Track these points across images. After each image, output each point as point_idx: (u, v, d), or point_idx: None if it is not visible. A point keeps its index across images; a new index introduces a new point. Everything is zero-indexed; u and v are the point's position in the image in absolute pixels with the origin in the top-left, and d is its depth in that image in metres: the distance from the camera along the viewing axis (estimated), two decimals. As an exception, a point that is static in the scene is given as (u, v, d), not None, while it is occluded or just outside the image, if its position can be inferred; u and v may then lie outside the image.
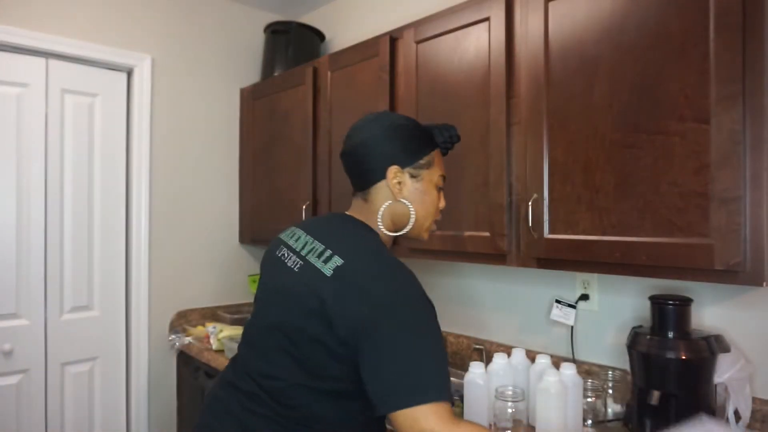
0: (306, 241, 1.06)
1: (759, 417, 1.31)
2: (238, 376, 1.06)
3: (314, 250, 1.02)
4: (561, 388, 1.26)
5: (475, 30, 1.56)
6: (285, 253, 1.08)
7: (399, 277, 0.96)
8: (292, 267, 1.03)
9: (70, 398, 2.22)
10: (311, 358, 0.95)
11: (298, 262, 1.03)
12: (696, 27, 1.12)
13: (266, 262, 1.14)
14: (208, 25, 2.64)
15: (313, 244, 1.04)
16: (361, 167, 1.09)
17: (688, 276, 1.15)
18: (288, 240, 1.11)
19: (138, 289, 2.39)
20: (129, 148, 2.41)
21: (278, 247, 1.11)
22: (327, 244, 1.01)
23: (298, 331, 0.95)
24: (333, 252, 0.98)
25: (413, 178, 1.08)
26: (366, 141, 1.08)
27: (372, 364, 0.88)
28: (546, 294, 1.78)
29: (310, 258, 1.01)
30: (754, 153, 1.06)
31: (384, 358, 0.87)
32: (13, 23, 2.07)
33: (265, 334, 1.03)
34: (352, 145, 1.10)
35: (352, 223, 1.10)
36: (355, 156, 1.10)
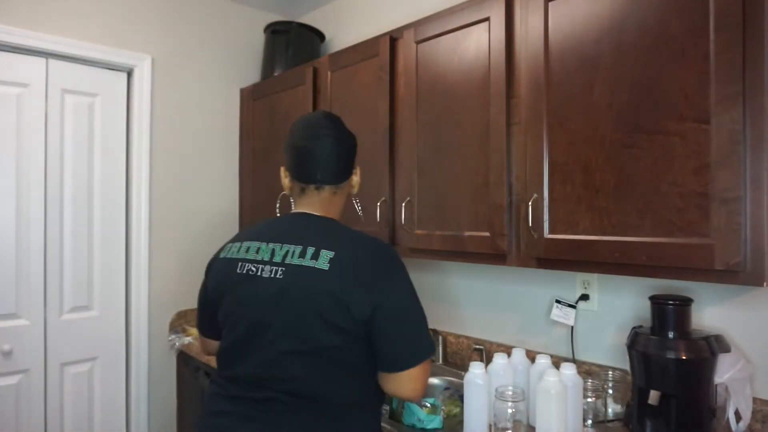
0: (272, 249, 1.10)
1: (759, 417, 1.31)
2: (244, 387, 1.09)
3: (291, 253, 1.08)
4: (561, 388, 1.26)
5: (475, 30, 1.56)
6: (252, 268, 1.11)
7: (389, 254, 1.09)
8: (272, 276, 1.07)
9: (70, 398, 2.22)
10: (323, 344, 1.03)
11: (277, 270, 1.07)
12: (696, 27, 1.12)
13: (224, 283, 1.15)
14: (208, 25, 2.64)
15: (284, 248, 1.09)
16: (344, 164, 1.18)
17: (688, 276, 1.15)
18: (243, 256, 1.14)
19: (138, 289, 2.39)
20: (129, 148, 2.41)
21: (235, 266, 1.14)
22: (300, 241, 1.08)
23: (309, 326, 1.02)
24: (318, 248, 1.05)
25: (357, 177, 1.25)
26: (353, 143, 1.20)
27: (385, 334, 1.03)
28: (546, 294, 1.78)
29: (292, 261, 1.06)
30: (754, 153, 1.06)
31: (396, 331, 1.04)
32: (13, 23, 2.07)
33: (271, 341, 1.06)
34: (350, 144, 1.19)
35: (315, 219, 1.16)
36: (345, 154, 1.17)
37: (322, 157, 1.15)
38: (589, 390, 1.42)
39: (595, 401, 1.42)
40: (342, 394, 1.07)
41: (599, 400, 1.43)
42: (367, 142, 1.93)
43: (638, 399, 1.29)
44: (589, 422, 1.40)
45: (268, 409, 1.06)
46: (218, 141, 2.68)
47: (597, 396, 1.43)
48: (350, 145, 1.20)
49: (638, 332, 1.32)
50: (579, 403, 1.33)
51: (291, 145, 1.18)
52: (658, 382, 1.24)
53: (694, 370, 1.22)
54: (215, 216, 2.66)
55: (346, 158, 1.18)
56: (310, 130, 1.16)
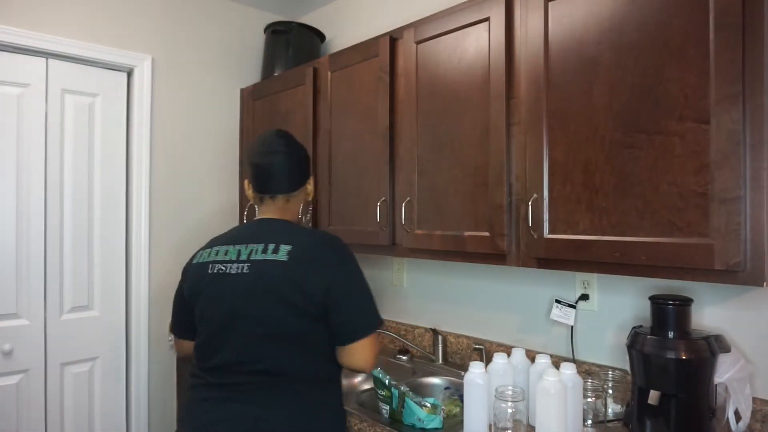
0: (239, 250, 1.28)
1: (759, 417, 1.31)
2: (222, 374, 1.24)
3: (253, 250, 1.26)
4: (561, 388, 1.26)
5: (474, 30, 1.56)
6: (221, 267, 1.27)
7: (337, 245, 1.28)
8: (239, 272, 1.24)
9: (70, 398, 2.22)
10: (289, 327, 1.19)
11: (243, 266, 1.24)
12: (696, 27, 1.12)
13: (199, 284, 1.31)
14: (208, 25, 2.65)
15: (246, 247, 1.27)
16: (296, 175, 1.36)
17: (687, 276, 1.15)
18: (213, 258, 1.31)
19: (138, 289, 2.39)
20: (129, 148, 2.42)
21: (207, 268, 1.30)
22: (263, 240, 1.27)
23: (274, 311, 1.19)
24: (277, 243, 1.24)
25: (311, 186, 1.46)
26: (305, 155, 1.39)
27: (340, 313, 1.20)
28: (546, 294, 1.78)
29: (255, 256, 1.24)
30: (754, 153, 1.06)
31: (348, 306, 1.21)
32: (13, 23, 2.07)
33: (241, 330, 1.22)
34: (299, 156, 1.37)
35: (274, 222, 1.34)
36: (296, 166, 1.36)
37: (274, 171, 1.33)
38: (588, 390, 1.42)
39: (594, 401, 1.42)
40: (307, 371, 1.22)
41: (599, 400, 1.43)
42: (367, 142, 1.93)
43: (638, 399, 1.29)
44: (589, 422, 1.40)
45: (243, 389, 1.21)
46: (218, 141, 2.68)
47: (597, 396, 1.43)
48: (299, 158, 1.37)
49: (638, 332, 1.32)
50: (579, 403, 1.33)
51: (249, 161, 1.37)
52: (658, 382, 1.24)
53: (694, 370, 1.22)
54: (215, 216, 2.66)
55: (296, 171, 1.36)
56: (264, 148, 1.34)
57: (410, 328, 2.22)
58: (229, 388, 1.22)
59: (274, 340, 1.20)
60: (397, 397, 1.47)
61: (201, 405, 1.24)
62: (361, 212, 1.95)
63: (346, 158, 2.03)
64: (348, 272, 1.24)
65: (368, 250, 1.95)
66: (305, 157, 1.39)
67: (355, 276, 1.25)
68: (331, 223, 2.09)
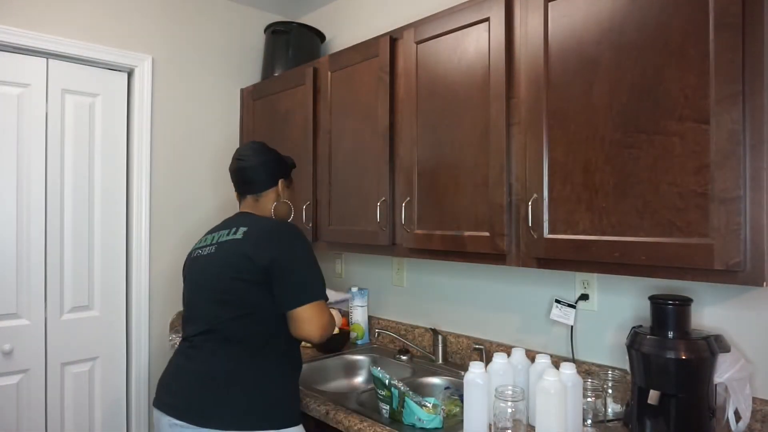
0: (212, 236, 1.54)
1: (759, 417, 1.31)
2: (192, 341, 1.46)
3: (221, 234, 1.51)
4: (561, 387, 1.26)
5: (474, 30, 1.56)
6: (198, 253, 1.54)
7: (288, 227, 1.46)
8: (209, 253, 1.49)
9: (70, 398, 2.22)
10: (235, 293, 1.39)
11: (212, 248, 1.50)
12: (696, 27, 1.12)
13: (186, 270, 1.58)
14: (208, 25, 2.65)
15: (218, 233, 1.53)
16: (260, 177, 1.58)
17: (687, 276, 1.15)
18: (198, 246, 1.58)
19: (138, 289, 2.39)
20: (129, 148, 2.42)
21: (191, 256, 1.58)
22: (230, 227, 1.51)
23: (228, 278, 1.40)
24: (238, 227, 1.48)
25: (287, 188, 1.66)
26: (269, 161, 1.60)
27: (283, 281, 1.38)
28: (546, 294, 1.78)
29: (221, 239, 1.49)
30: (754, 153, 1.06)
31: (289, 276, 1.38)
32: (13, 23, 2.07)
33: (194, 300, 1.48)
34: (258, 162, 1.58)
35: (248, 214, 1.57)
36: (258, 170, 1.58)
37: (242, 176, 1.58)
38: (588, 390, 1.42)
39: (594, 401, 1.42)
40: (245, 333, 1.38)
41: (599, 399, 1.43)
42: (367, 142, 1.93)
43: (638, 399, 1.29)
44: (589, 422, 1.41)
45: (196, 349, 1.42)
46: (218, 141, 2.68)
47: (597, 396, 1.43)
48: (264, 164, 1.58)
49: (638, 332, 1.32)
50: (579, 403, 1.33)
51: (229, 168, 1.63)
52: (657, 381, 1.24)
53: (693, 370, 1.22)
54: (216, 215, 2.66)
55: (262, 175, 1.58)
56: (236, 156, 1.61)
57: (410, 328, 2.22)
58: (188, 351, 1.45)
59: (222, 304, 1.40)
60: (397, 397, 1.47)
61: (172, 360, 1.50)
62: (361, 212, 1.95)
63: (346, 158, 2.03)
64: (293, 249, 1.41)
65: (368, 250, 1.95)
66: (270, 163, 1.59)
67: (299, 253, 1.42)
68: (331, 223, 2.09)
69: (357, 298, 2.37)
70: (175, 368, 1.46)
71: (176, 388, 1.42)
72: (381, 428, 1.44)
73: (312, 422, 1.64)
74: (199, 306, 1.47)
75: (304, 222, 2.21)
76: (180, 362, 1.46)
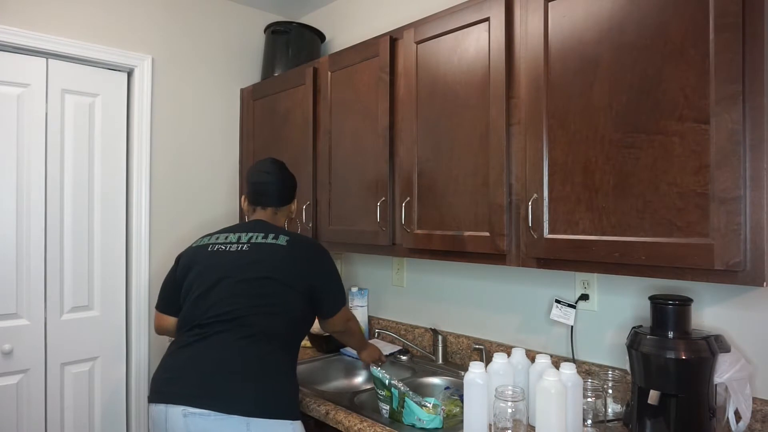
0: (239, 236, 1.60)
1: (759, 417, 1.31)
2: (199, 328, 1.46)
3: (255, 236, 1.59)
4: (561, 387, 1.26)
5: (474, 30, 1.56)
6: (221, 247, 1.59)
7: (322, 246, 1.65)
8: (239, 249, 1.56)
9: (70, 398, 2.22)
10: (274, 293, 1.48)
11: (243, 245, 1.56)
12: (696, 27, 1.12)
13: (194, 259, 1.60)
14: (208, 25, 2.65)
15: (249, 234, 1.60)
16: (286, 193, 1.73)
17: (687, 276, 1.15)
18: (215, 242, 1.62)
19: (138, 289, 2.39)
20: (129, 148, 2.42)
21: (206, 248, 1.61)
22: (265, 232, 1.60)
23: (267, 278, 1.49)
24: (277, 234, 1.59)
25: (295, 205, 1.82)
26: (293, 181, 1.76)
27: (326, 295, 1.61)
28: (546, 294, 1.78)
29: (257, 240, 1.57)
30: (754, 153, 1.06)
31: (330, 291, 1.62)
32: (13, 23, 2.07)
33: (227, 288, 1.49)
34: (289, 179, 1.74)
35: (269, 223, 1.68)
36: (287, 186, 1.73)
37: (268, 189, 1.69)
38: (588, 390, 1.42)
39: (594, 401, 1.42)
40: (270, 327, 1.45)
41: (599, 399, 1.43)
42: (367, 142, 1.93)
43: (638, 399, 1.29)
44: (589, 422, 1.40)
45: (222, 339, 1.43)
46: (218, 141, 2.68)
47: (597, 396, 1.43)
48: (287, 182, 1.73)
49: (638, 332, 1.32)
50: (579, 403, 1.33)
51: (249, 181, 1.71)
52: (657, 382, 1.24)
53: (693, 370, 1.22)
54: (216, 216, 2.66)
55: (285, 192, 1.72)
56: (262, 169, 1.71)
57: (410, 328, 2.22)
58: (202, 340, 1.44)
59: (256, 297, 1.47)
60: (397, 397, 1.47)
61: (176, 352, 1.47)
62: (361, 212, 1.95)
63: (346, 158, 2.03)
64: (332, 268, 1.63)
65: (368, 250, 1.95)
66: (290, 182, 1.74)
67: (334, 271, 1.64)
68: (331, 223, 2.09)
69: (357, 298, 2.38)
70: (190, 357, 1.43)
71: (194, 377, 1.39)
72: (381, 428, 1.44)
73: (312, 422, 1.64)
74: (220, 295, 1.48)
75: (304, 222, 2.21)
76: (194, 351, 1.43)
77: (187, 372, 1.41)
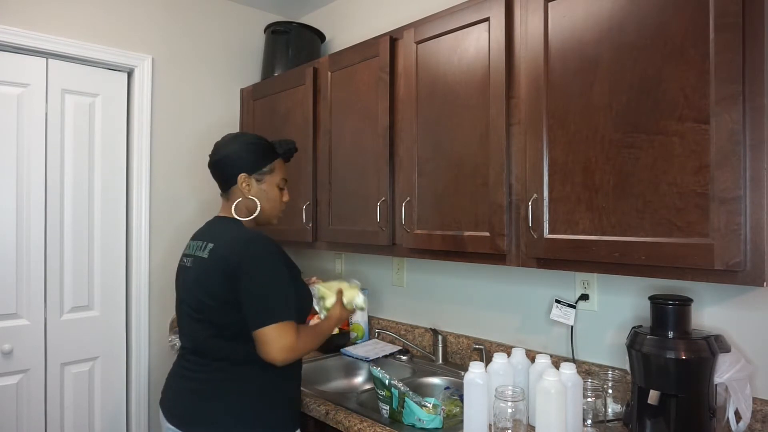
0: (195, 245, 1.48)
1: (759, 417, 1.31)
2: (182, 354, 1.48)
3: (198, 247, 1.45)
4: (561, 387, 1.26)
5: (474, 30, 1.56)
6: (183, 260, 1.50)
7: (249, 240, 1.36)
8: (188, 265, 1.46)
9: (70, 398, 2.22)
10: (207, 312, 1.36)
11: (190, 260, 1.46)
12: (696, 27, 1.12)
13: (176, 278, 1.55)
14: (208, 25, 2.65)
15: (196, 243, 1.47)
16: (222, 175, 1.49)
17: (687, 276, 1.15)
18: (186, 253, 1.52)
19: (138, 289, 2.39)
20: (129, 148, 2.42)
21: (180, 263, 1.53)
22: (204, 239, 1.45)
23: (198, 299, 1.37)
24: (208, 242, 1.42)
25: (258, 182, 1.49)
26: (226, 155, 1.47)
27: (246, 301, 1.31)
28: (546, 294, 1.78)
29: (198, 253, 1.44)
30: (754, 153, 1.06)
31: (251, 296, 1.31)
32: (13, 23, 2.07)
33: (180, 313, 1.46)
34: (217, 159, 1.48)
35: (220, 220, 1.51)
36: (218, 167, 1.49)
37: (211, 172, 1.52)
38: (588, 390, 1.42)
39: (594, 401, 1.42)
40: (222, 350, 1.36)
41: (599, 399, 1.43)
42: (367, 142, 1.93)
43: (638, 399, 1.29)
44: (589, 422, 1.40)
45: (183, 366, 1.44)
46: (218, 141, 2.68)
47: (597, 396, 1.43)
48: (218, 161, 1.48)
49: (638, 332, 1.32)
50: (579, 403, 1.33)
51: None
52: (657, 381, 1.24)
53: (693, 370, 1.22)
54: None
55: (219, 173, 1.49)
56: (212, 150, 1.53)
57: (410, 328, 2.22)
58: (180, 364, 1.46)
59: (198, 322, 1.38)
60: (397, 397, 1.47)
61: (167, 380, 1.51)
62: (361, 212, 1.95)
63: (346, 158, 2.03)
64: (256, 268, 1.32)
65: (368, 250, 1.95)
66: (230, 156, 1.46)
67: (262, 271, 1.32)
68: (331, 223, 2.09)
69: (357, 298, 2.37)
70: (170, 377, 1.50)
71: (171, 395, 1.46)
72: (381, 428, 1.44)
73: (312, 422, 1.64)
74: (182, 322, 1.47)
75: (304, 222, 2.21)
76: (174, 373, 1.49)
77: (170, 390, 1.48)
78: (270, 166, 1.50)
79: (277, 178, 1.52)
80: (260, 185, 1.49)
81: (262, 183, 1.49)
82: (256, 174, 1.48)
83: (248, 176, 1.47)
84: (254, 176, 1.48)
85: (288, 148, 1.55)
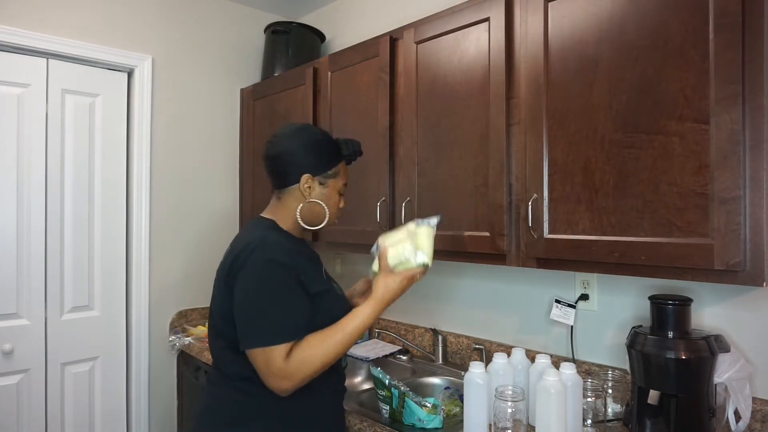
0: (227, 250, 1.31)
1: (759, 417, 1.31)
2: None
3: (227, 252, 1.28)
4: (561, 387, 1.26)
5: (474, 30, 1.56)
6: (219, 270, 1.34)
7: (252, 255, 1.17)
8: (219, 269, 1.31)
9: (70, 398, 2.22)
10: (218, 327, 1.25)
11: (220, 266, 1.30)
12: (696, 27, 1.12)
13: None
14: (208, 25, 2.65)
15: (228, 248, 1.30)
16: (281, 172, 1.29)
17: (687, 276, 1.15)
18: None
19: (138, 289, 2.39)
20: (129, 148, 2.42)
21: None
22: (232, 243, 1.29)
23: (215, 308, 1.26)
24: (231, 247, 1.27)
25: (321, 185, 1.31)
26: (289, 150, 1.27)
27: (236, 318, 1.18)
28: (546, 294, 1.78)
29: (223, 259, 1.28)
30: (753, 153, 1.06)
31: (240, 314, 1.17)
32: (13, 23, 2.07)
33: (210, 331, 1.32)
34: (276, 153, 1.29)
35: (254, 222, 1.33)
36: (278, 162, 1.29)
37: (265, 166, 1.32)
38: (588, 390, 1.42)
39: (594, 401, 1.42)
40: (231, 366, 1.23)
41: (599, 399, 1.43)
42: (367, 142, 1.93)
43: (638, 399, 1.29)
44: (589, 422, 1.40)
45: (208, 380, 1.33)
46: (218, 141, 2.68)
47: (597, 396, 1.43)
48: (274, 157, 1.29)
49: (638, 332, 1.32)
50: (579, 403, 1.33)
51: None
52: (657, 381, 1.24)
53: (693, 370, 1.22)
54: (216, 216, 2.66)
55: (276, 170, 1.29)
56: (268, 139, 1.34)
57: (410, 328, 2.22)
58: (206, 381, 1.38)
59: (215, 332, 1.28)
60: (397, 397, 1.47)
61: None
62: (361, 212, 1.95)
63: (346, 158, 2.02)
64: (249, 280, 1.16)
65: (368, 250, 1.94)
66: (283, 155, 1.27)
67: (253, 284, 1.16)
68: (331, 223, 2.09)
69: (357, 298, 2.37)
70: None
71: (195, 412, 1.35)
72: (381, 428, 1.44)
73: (312, 422, 1.64)
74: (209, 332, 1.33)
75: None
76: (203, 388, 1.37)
77: None
78: (335, 169, 1.32)
79: (339, 183, 1.34)
80: (323, 189, 1.30)
81: (325, 187, 1.31)
82: (320, 176, 1.29)
83: (312, 178, 1.28)
84: (318, 178, 1.29)
85: (353, 150, 1.36)
